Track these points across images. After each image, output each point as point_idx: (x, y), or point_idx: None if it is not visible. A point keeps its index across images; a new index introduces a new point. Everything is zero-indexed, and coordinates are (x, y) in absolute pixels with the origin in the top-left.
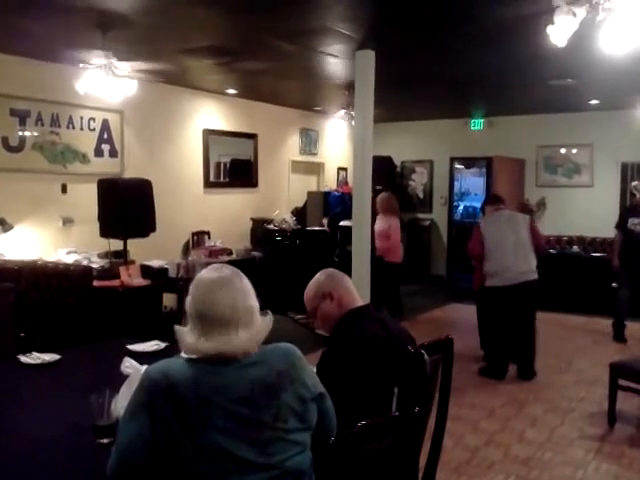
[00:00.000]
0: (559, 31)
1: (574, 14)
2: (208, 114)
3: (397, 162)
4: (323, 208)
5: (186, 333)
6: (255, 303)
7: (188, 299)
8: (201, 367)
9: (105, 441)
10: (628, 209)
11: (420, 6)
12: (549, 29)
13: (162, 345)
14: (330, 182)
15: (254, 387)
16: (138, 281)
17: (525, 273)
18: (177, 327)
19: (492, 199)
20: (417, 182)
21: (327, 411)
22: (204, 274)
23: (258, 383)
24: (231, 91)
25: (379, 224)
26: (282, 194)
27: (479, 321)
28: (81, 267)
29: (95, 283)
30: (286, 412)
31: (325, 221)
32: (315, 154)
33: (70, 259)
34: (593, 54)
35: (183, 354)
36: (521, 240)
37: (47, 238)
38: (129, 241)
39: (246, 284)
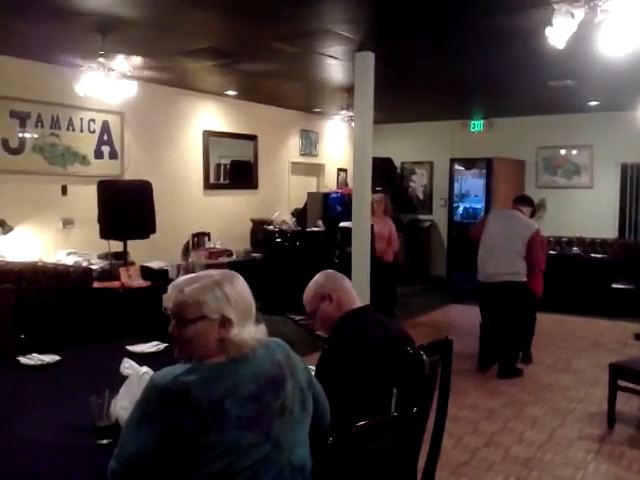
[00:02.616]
0: (558, 32)
1: (572, 15)
2: (208, 116)
3: (397, 163)
4: (323, 209)
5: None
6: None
7: (211, 302)
8: (208, 370)
9: (104, 442)
10: None
11: (419, 8)
12: (548, 30)
13: (162, 346)
14: (330, 183)
15: (260, 382)
16: (138, 282)
17: (503, 274)
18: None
19: (516, 198)
20: (417, 183)
21: (319, 395)
22: (206, 276)
23: (263, 377)
24: (231, 93)
25: (379, 227)
26: (282, 195)
27: None
28: (81, 268)
29: (95, 284)
30: (291, 402)
31: (320, 222)
32: (315, 155)
33: (70, 260)
34: (592, 55)
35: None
36: (510, 244)
37: (47, 239)
38: (129, 242)
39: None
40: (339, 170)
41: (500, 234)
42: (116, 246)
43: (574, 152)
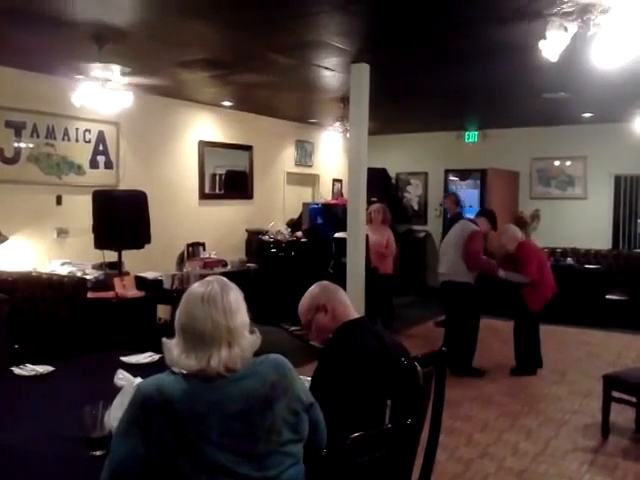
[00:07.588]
0: (551, 46)
1: (566, 29)
2: (204, 126)
3: (392, 174)
4: (309, 220)
5: (173, 346)
6: (242, 321)
7: (176, 312)
8: (194, 383)
9: (98, 453)
10: None
11: (414, 21)
12: (541, 44)
13: (156, 357)
14: (325, 194)
15: (248, 400)
16: (132, 292)
17: (444, 274)
18: (165, 340)
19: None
20: (412, 194)
21: (317, 421)
22: (193, 288)
23: (252, 396)
24: (227, 103)
25: (376, 236)
26: (277, 206)
27: None
28: (75, 278)
29: (89, 294)
30: (280, 424)
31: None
32: (310, 166)
33: (64, 270)
34: (586, 68)
35: (174, 369)
36: (449, 246)
37: (42, 249)
38: (124, 252)
39: (233, 301)
40: (334, 180)
41: (446, 241)
42: (111, 256)
43: (568, 163)
